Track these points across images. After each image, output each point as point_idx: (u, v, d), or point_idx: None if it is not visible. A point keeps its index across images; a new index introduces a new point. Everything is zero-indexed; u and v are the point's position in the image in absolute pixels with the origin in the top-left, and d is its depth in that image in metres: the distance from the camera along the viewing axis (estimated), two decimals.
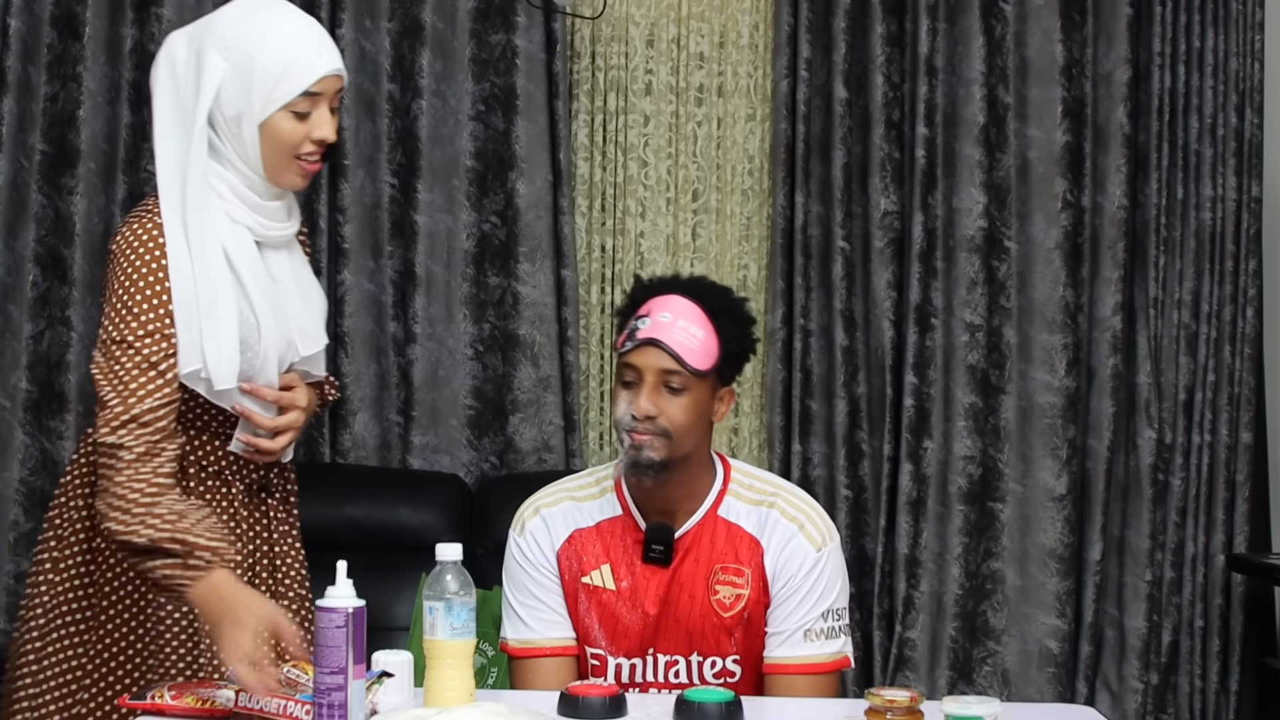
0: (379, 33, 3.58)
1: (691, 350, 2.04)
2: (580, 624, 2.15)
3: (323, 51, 2.01)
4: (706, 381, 2.07)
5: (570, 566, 2.14)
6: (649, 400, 2.03)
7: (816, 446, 3.69)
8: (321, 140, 2.01)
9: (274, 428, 2.09)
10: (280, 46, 1.97)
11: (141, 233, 2.01)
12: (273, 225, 2.06)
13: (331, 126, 2.02)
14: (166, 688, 1.87)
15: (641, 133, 3.81)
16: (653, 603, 2.11)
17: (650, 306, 2.07)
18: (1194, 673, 3.67)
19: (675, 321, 2.04)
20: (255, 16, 2.01)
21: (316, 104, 2.00)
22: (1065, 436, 3.62)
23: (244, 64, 1.96)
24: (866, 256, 3.67)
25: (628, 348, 2.06)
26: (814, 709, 2.08)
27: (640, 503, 2.13)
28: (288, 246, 2.10)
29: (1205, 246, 3.66)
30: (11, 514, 3.44)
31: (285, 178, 2.03)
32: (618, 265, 3.81)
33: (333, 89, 2.02)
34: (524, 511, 2.19)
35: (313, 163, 2.04)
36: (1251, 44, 3.66)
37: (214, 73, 1.97)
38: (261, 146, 2.00)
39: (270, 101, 1.97)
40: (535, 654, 2.14)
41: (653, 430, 2.03)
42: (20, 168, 3.45)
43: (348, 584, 1.76)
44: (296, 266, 2.12)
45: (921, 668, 3.61)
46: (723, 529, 2.12)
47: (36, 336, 3.47)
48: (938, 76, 3.63)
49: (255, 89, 1.96)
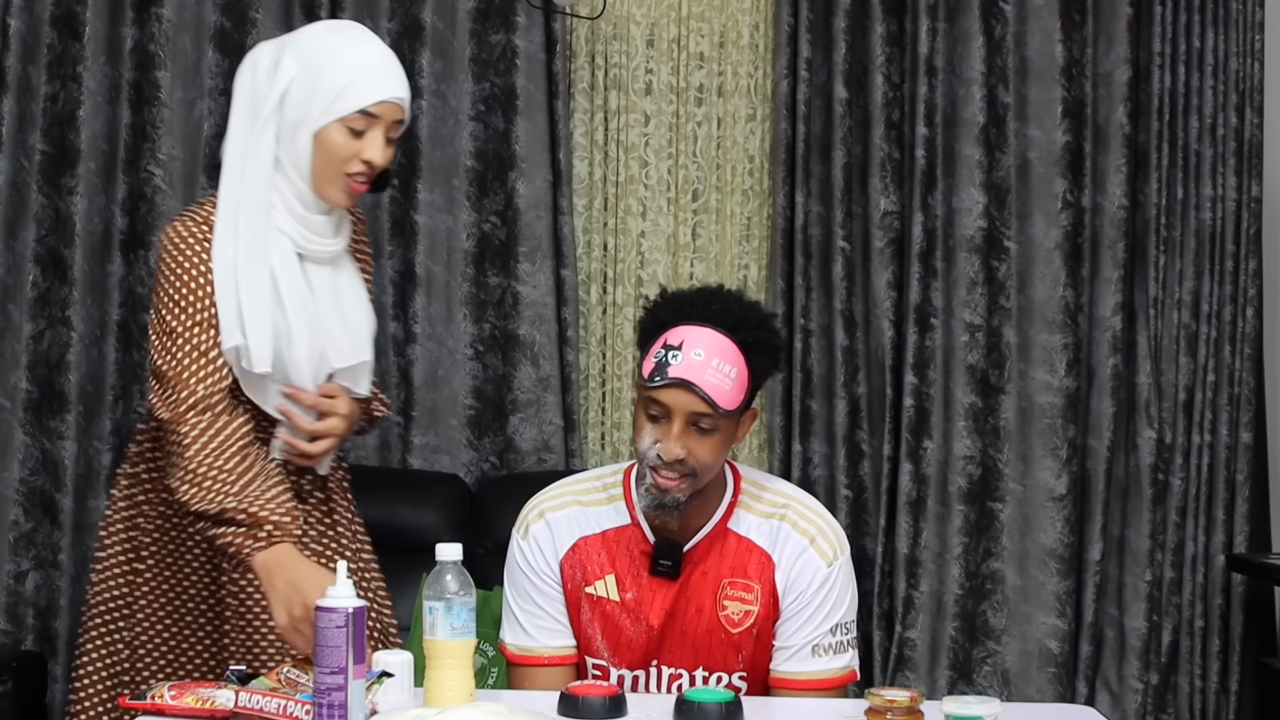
0: (379, 33, 3.55)
1: (725, 392, 1.95)
2: (582, 634, 2.11)
3: (389, 77, 2.07)
4: (733, 418, 2.00)
5: (574, 575, 2.10)
6: (678, 444, 1.95)
7: (817, 446, 3.69)
8: (369, 162, 2.06)
9: (313, 431, 2.12)
10: (350, 63, 2.04)
11: (187, 227, 2.10)
12: (315, 239, 2.10)
13: (382, 151, 2.06)
14: (167, 687, 1.87)
15: (642, 132, 3.81)
16: (658, 615, 2.07)
17: (682, 337, 1.96)
18: (1194, 673, 3.67)
19: (709, 361, 1.94)
20: (338, 34, 2.13)
21: (372, 125, 2.05)
22: (1065, 436, 3.62)
23: (312, 72, 2.03)
24: (866, 256, 3.67)
25: (657, 383, 1.95)
26: (814, 709, 2.07)
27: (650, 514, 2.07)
28: (333, 262, 2.15)
29: (1205, 246, 3.66)
30: (11, 514, 3.44)
31: (330, 192, 2.08)
32: (618, 265, 3.81)
33: (391, 116, 2.06)
34: (528, 513, 2.14)
35: (359, 183, 2.08)
36: (1251, 44, 3.66)
37: (285, 75, 2.05)
38: (313, 156, 2.05)
39: (328, 112, 2.03)
40: (534, 663, 2.11)
41: (681, 472, 1.97)
42: (20, 168, 3.45)
43: (348, 584, 1.76)
44: (340, 282, 2.16)
45: (921, 668, 3.61)
46: (733, 542, 2.08)
47: (36, 336, 3.47)
48: (938, 76, 3.63)
49: (317, 98, 2.03)
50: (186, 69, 3.54)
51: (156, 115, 3.51)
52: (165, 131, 3.51)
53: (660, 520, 2.04)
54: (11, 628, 3.44)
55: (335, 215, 2.14)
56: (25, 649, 3.40)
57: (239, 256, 2.05)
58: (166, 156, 3.52)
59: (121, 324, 3.53)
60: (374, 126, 2.05)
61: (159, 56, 3.51)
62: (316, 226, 2.10)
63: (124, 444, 3.52)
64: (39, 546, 3.47)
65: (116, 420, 3.53)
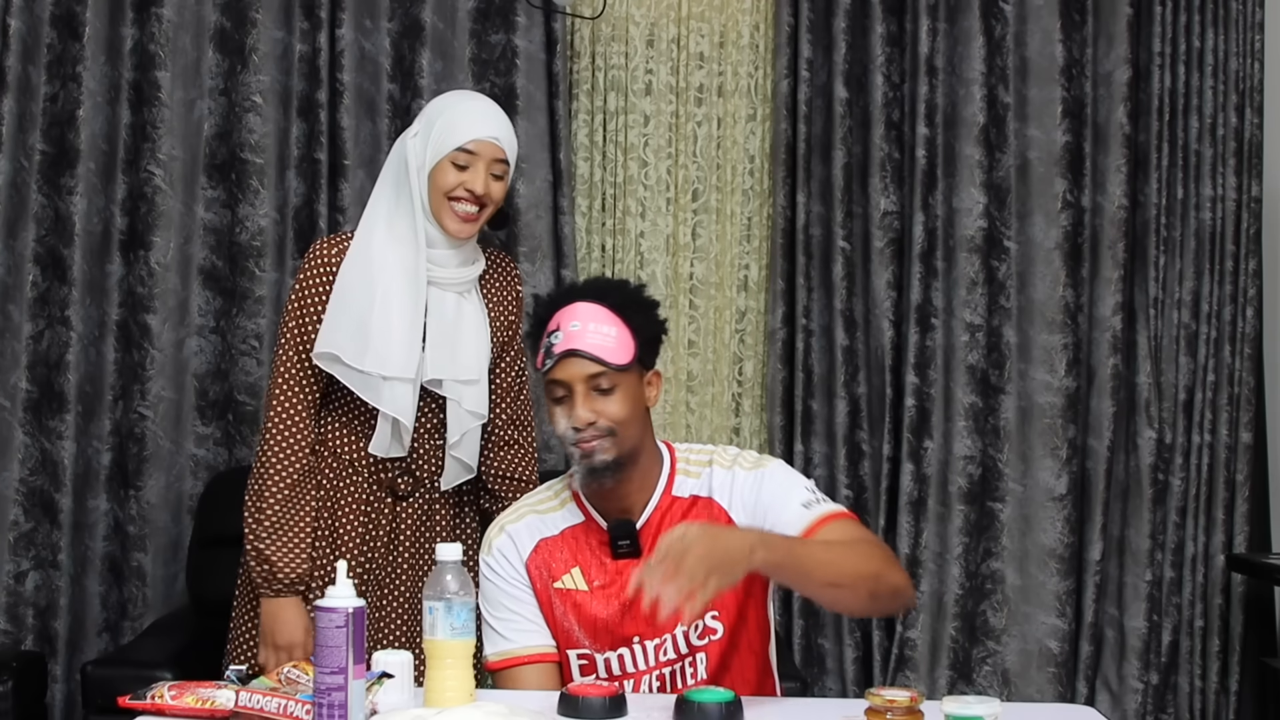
0: (379, 33, 3.58)
1: (609, 349, 2.07)
2: (560, 629, 2.16)
3: (486, 121, 2.43)
4: (631, 373, 2.10)
5: (541, 575, 2.16)
6: (584, 408, 2.06)
7: (817, 446, 3.69)
8: (471, 190, 2.39)
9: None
10: (455, 113, 2.43)
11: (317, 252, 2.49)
12: (436, 269, 2.44)
13: (484, 182, 2.40)
14: (167, 687, 1.88)
15: (642, 132, 3.81)
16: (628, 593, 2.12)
17: (558, 320, 2.10)
18: (1194, 673, 3.67)
19: (586, 326, 2.07)
20: (452, 96, 2.57)
21: (474, 162, 2.40)
22: (1065, 436, 3.63)
23: (429, 126, 2.43)
24: (867, 256, 3.67)
25: (548, 365, 2.08)
26: (814, 709, 2.08)
27: (599, 506, 2.16)
28: (459, 291, 2.47)
29: (1205, 246, 3.67)
30: (11, 514, 3.44)
31: (444, 219, 2.41)
32: (618, 265, 3.81)
33: (489, 155, 2.41)
34: (490, 532, 2.22)
35: (465, 211, 2.40)
36: (1251, 44, 3.66)
37: (410, 133, 2.47)
38: (429, 191, 2.41)
39: (437, 152, 2.40)
40: (514, 663, 2.15)
41: (597, 434, 2.06)
42: (20, 168, 3.45)
43: (348, 584, 1.76)
44: (464, 311, 2.48)
45: (921, 668, 3.62)
46: (680, 505, 2.15)
47: (36, 336, 3.47)
48: (938, 76, 3.63)
49: (431, 143, 2.41)
50: (186, 69, 3.54)
51: (156, 115, 3.51)
52: (165, 131, 3.51)
53: (602, 490, 2.11)
54: (11, 628, 3.44)
55: (462, 251, 2.46)
56: (25, 649, 3.40)
57: (373, 273, 2.41)
58: (166, 156, 3.52)
59: (121, 324, 3.53)
60: (476, 162, 2.40)
61: (159, 56, 3.51)
62: (440, 258, 2.44)
63: (124, 444, 3.53)
64: (39, 546, 3.47)
65: (116, 420, 3.53)
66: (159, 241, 3.51)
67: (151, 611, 3.52)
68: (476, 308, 2.51)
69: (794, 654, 3.61)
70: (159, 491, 3.53)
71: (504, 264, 2.62)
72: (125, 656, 3.17)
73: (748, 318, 3.84)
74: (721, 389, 3.83)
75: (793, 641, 3.62)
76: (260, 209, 3.55)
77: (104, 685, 2.94)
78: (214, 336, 3.58)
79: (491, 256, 2.59)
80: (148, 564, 3.52)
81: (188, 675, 2.43)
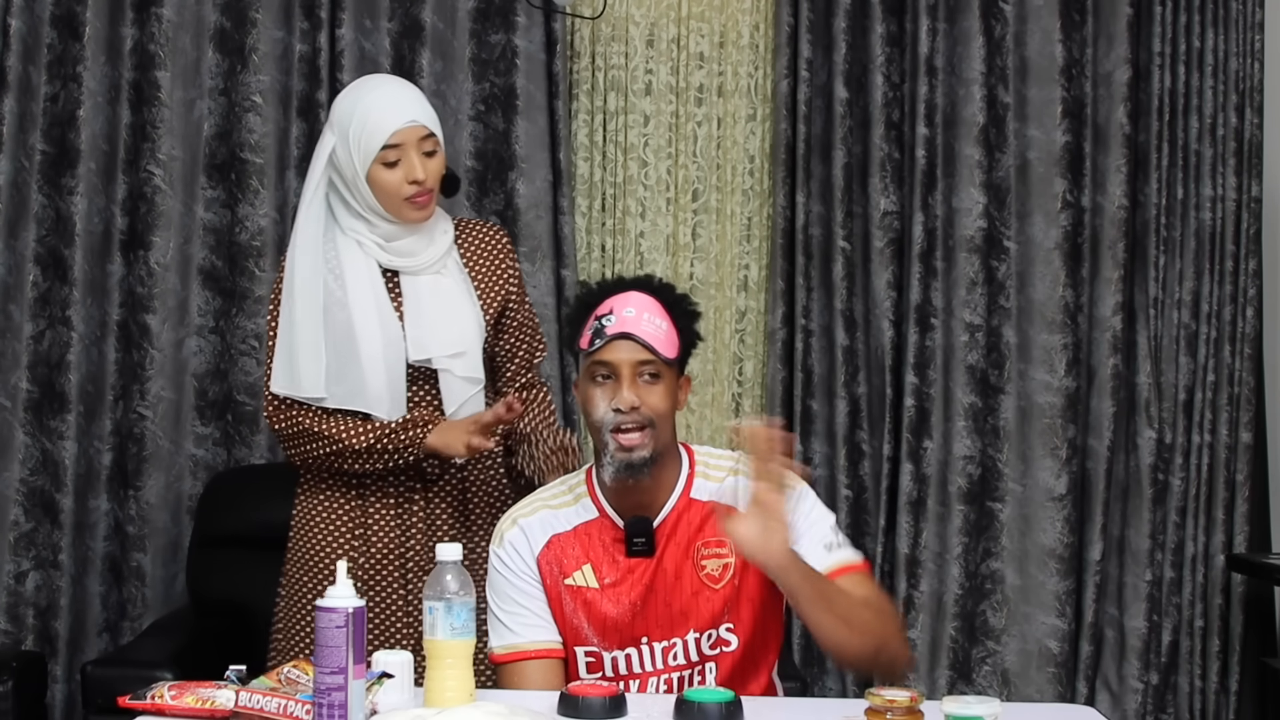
0: (379, 33, 3.59)
1: (660, 339, 2.09)
2: (569, 626, 2.15)
3: (396, 109, 2.36)
4: (673, 369, 2.13)
5: (551, 571, 2.15)
6: (631, 392, 2.06)
7: (817, 446, 3.69)
8: (416, 181, 2.35)
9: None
10: (364, 114, 2.36)
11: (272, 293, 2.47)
12: (404, 260, 2.42)
13: (421, 167, 2.35)
14: (166, 687, 1.87)
15: (641, 133, 3.81)
16: (638, 592, 2.12)
17: (611, 305, 2.10)
18: (1194, 673, 3.67)
19: (640, 315, 2.09)
20: (351, 94, 2.44)
21: (403, 153, 2.34)
22: (1065, 436, 3.63)
23: (343, 134, 2.37)
24: (867, 256, 3.67)
25: (597, 345, 2.08)
26: (814, 709, 2.08)
27: (616, 503, 2.15)
28: (433, 271, 2.44)
29: (1205, 246, 3.66)
30: (11, 514, 3.44)
31: (404, 215, 2.39)
32: (618, 265, 3.81)
33: (413, 138, 2.35)
34: (502, 525, 2.21)
35: (422, 199, 2.37)
36: (1251, 44, 3.66)
37: (325, 147, 2.41)
38: (376, 195, 2.37)
39: (365, 158, 2.35)
40: (519, 657, 2.14)
41: (638, 421, 2.06)
42: (20, 168, 3.45)
43: (348, 584, 1.76)
44: (441, 290, 2.44)
45: (921, 668, 3.62)
46: (698, 509, 2.15)
47: (37, 336, 3.47)
48: (938, 76, 3.64)
49: (353, 152, 2.36)
50: (186, 69, 3.55)
51: (156, 115, 3.51)
52: (165, 131, 3.52)
53: (625, 487, 2.10)
54: (11, 628, 3.44)
55: (421, 233, 2.43)
56: (25, 649, 3.40)
57: (294, 307, 2.38)
58: (166, 156, 3.52)
59: (121, 324, 3.53)
60: (405, 152, 2.34)
61: (159, 56, 3.51)
62: (406, 248, 2.42)
63: (124, 444, 3.53)
64: (39, 546, 3.47)
65: (116, 420, 3.53)
66: (159, 241, 3.51)
67: (151, 611, 3.52)
68: (456, 281, 2.47)
69: (794, 654, 3.61)
70: (158, 491, 3.53)
71: (482, 232, 2.56)
72: (125, 656, 3.17)
73: (748, 318, 3.84)
74: (721, 389, 3.83)
75: (792, 642, 3.62)
76: (260, 209, 3.55)
77: (104, 685, 2.93)
78: (213, 336, 3.58)
79: (467, 226, 2.55)
80: (147, 564, 3.52)
81: (188, 675, 2.42)
